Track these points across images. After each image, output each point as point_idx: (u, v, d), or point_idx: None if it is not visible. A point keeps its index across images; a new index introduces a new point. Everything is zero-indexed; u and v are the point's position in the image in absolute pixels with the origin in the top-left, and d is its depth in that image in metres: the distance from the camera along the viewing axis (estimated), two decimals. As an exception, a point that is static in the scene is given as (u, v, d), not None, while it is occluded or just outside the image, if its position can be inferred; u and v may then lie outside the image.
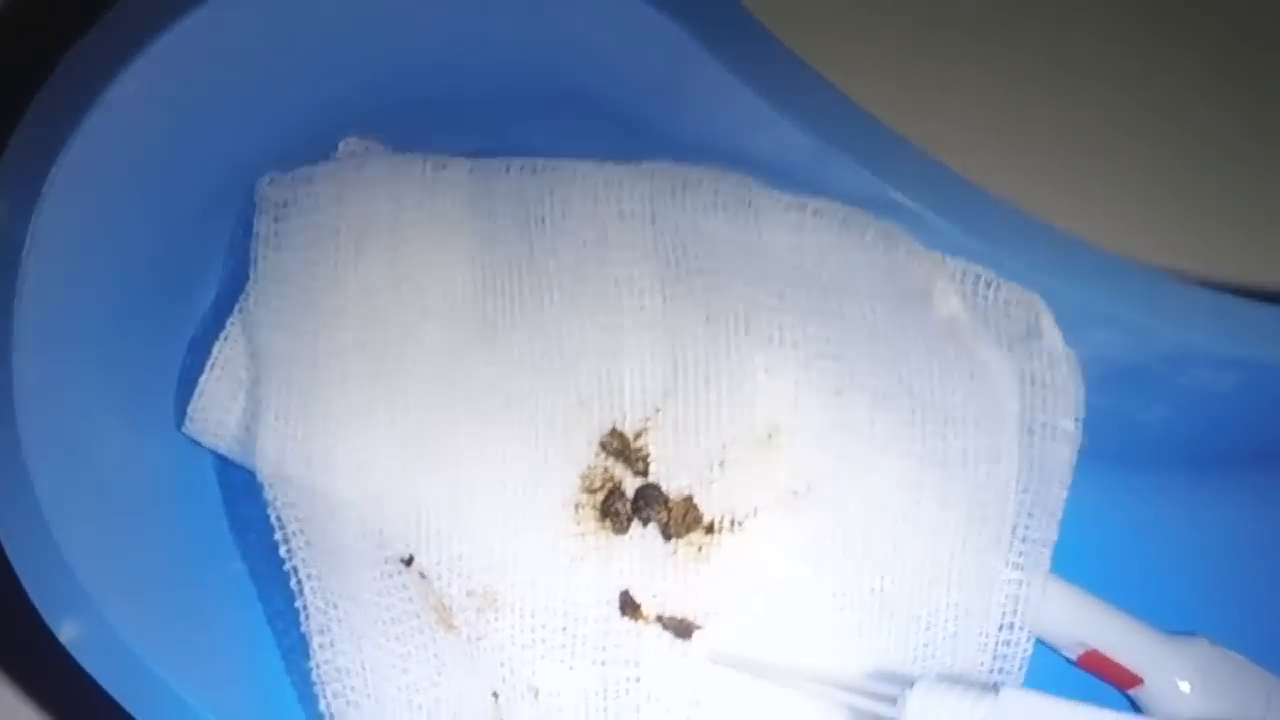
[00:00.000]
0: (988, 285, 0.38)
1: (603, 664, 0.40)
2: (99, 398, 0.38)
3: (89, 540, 0.36)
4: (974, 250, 0.38)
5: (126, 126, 0.35)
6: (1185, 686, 0.41)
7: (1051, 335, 0.38)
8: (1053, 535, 0.40)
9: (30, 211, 0.34)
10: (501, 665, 0.39)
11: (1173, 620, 0.42)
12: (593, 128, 0.39)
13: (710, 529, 0.40)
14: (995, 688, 0.35)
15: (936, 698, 0.35)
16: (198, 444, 0.41)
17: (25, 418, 0.35)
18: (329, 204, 0.40)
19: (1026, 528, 0.40)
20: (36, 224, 0.34)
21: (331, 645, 0.37)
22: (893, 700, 0.36)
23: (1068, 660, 0.42)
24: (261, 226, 0.39)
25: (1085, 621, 0.42)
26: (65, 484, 0.36)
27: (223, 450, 0.40)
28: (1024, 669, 0.40)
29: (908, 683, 0.36)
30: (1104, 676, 0.42)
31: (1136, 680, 0.41)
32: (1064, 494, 0.40)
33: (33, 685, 0.46)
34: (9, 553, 0.34)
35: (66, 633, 0.34)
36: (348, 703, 0.37)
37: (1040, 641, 0.42)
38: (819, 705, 0.40)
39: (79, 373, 0.37)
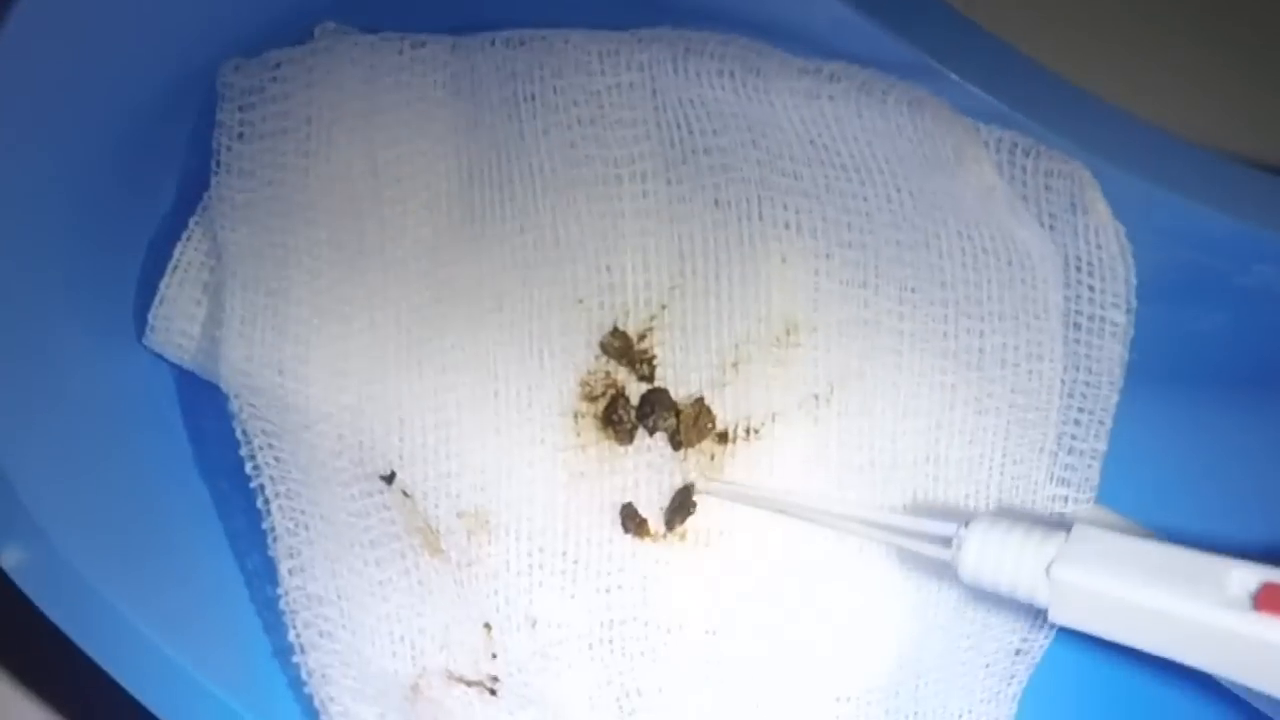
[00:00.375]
0: (1026, 153, 0.34)
1: (607, 590, 0.36)
2: (53, 303, 0.35)
3: (35, 457, 0.33)
4: (1009, 119, 0.34)
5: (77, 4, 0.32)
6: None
7: (1099, 210, 0.34)
8: (1102, 446, 0.36)
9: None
10: (495, 594, 0.36)
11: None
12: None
13: (724, 437, 0.36)
14: (1066, 524, 0.31)
15: (999, 535, 0.31)
16: (159, 358, 0.37)
17: None
18: (298, 90, 0.36)
19: (1073, 437, 0.36)
20: None
21: (302, 570, 0.34)
22: (946, 541, 0.32)
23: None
24: (225, 115, 0.36)
25: None
26: (11, 393, 0.33)
27: (187, 363, 0.37)
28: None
29: (963, 521, 0.32)
30: None
31: None
32: (1115, 397, 0.35)
33: None
34: None
35: (8, 558, 0.31)
36: (320, 633, 0.33)
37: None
38: (848, 598, 0.36)
39: (31, 275, 0.34)
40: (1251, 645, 0.27)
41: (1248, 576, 0.28)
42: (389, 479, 0.35)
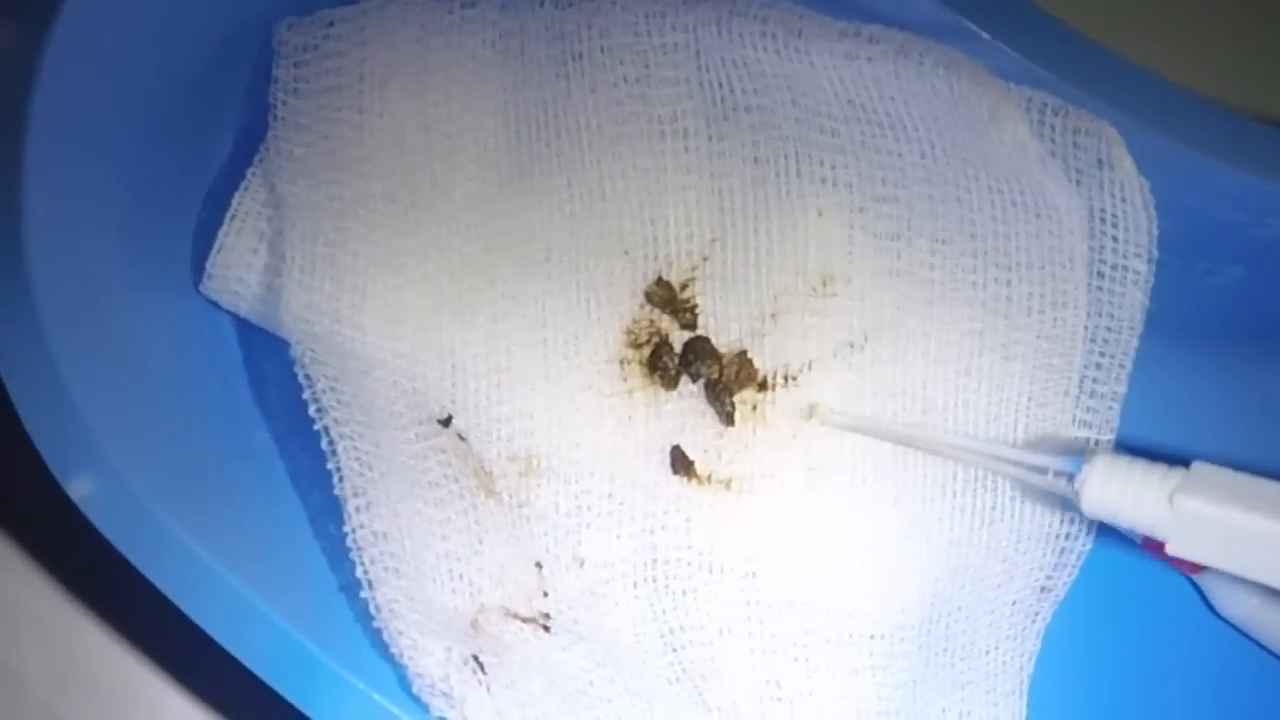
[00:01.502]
0: (1055, 113, 0.35)
1: (652, 531, 0.38)
2: (116, 248, 0.36)
3: (102, 395, 0.33)
4: (1039, 79, 0.35)
5: None
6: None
7: (1124, 166, 0.35)
8: (1122, 388, 0.37)
9: (43, 33, 0.31)
10: (545, 534, 0.37)
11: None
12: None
13: (764, 385, 0.38)
14: (1186, 463, 0.32)
15: (1122, 469, 0.33)
16: (217, 305, 0.38)
17: (35, 259, 0.32)
18: (351, 48, 0.37)
19: (1095, 380, 0.37)
20: (49, 48, 0.32)
21: (368, 508, 0.35)
22: (1067, 475, 0.34)
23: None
24: (281, 72, 0.37)
25: None
26: (77, 335, 0.33)
27: (243, 311, 0.38)
28: (1092, 533, 0.38)
29: (1068, 453, 0.34)
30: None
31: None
32: (1135, 342, 0.37)
33: (43, 550, 0.44)
34: (18, 405, 0.32)
35: (77, 489, 0.32)
36: (386, 568, 0.35)
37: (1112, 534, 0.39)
38: (883, 542, 0.38)
39: (93, 220, 0.35)
40: None
41: None
42: (445, 423, 0.36)
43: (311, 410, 0.35)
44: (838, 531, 0.38)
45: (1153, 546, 0.38)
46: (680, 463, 0.37)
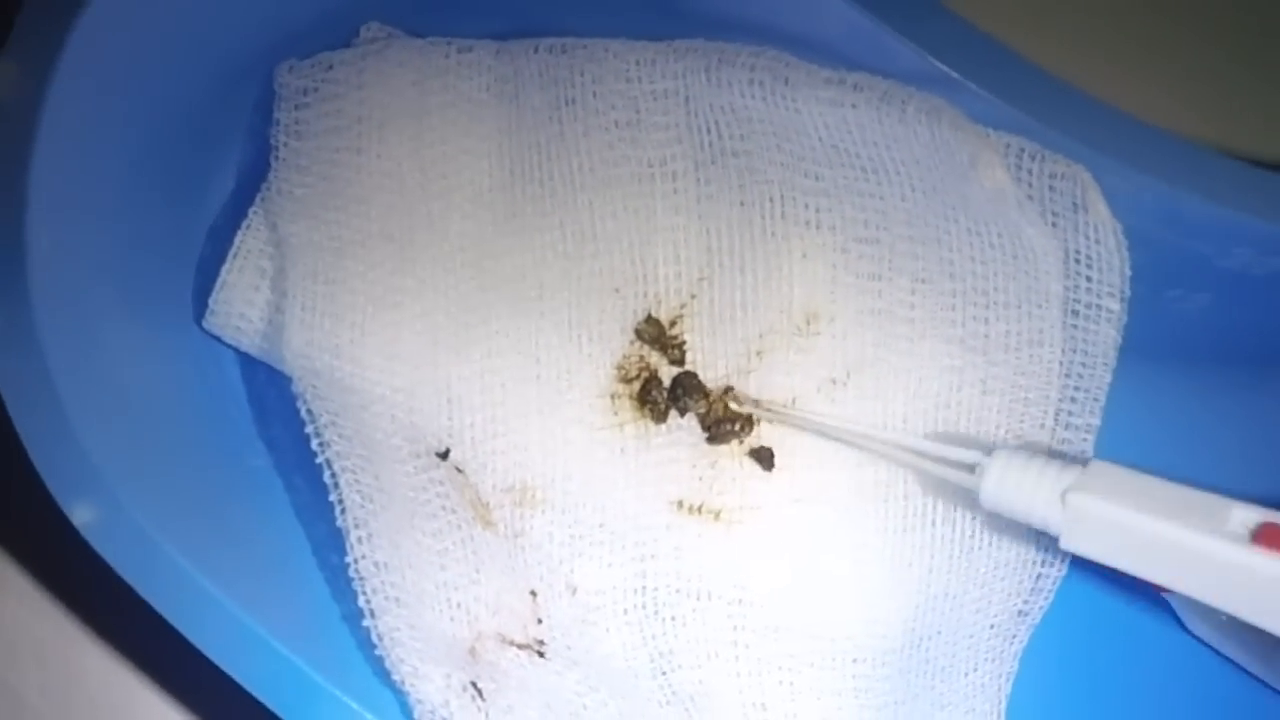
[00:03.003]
0: (1032, 158, 0.37)
1: (642, 559, 0.39)
2: (121, 280, 0.36)
3: (104, 424, 0.34)
4: (1016, 122, 0.37)
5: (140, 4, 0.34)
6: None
7: (1098, 209, 0.37)
8: (1096, 420, 0.39)
9: (46, 75, 0.33)
10: (539, 563, 0.38)
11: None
12: (623, 5, 0.38)
13: (750, 421, 0.39)
14: (1084, 460, 0.34)
15: (1019, 464, 0.34)
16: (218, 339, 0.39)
17: (39, 292, 0.33)
18: (350, 90, 0.38)
19: (1070, 413, 0.39)
20: (52, 89, 0.33)
21: (370, 540, 0.36)
22: (969, 468, 0.35)
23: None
24: (282, 114, 0.38)
25: None
26: (79, 363, 0.34)
27: (244, 346, 0.39)
28: (1066, 560, 0.40)
29: (986, 450, 0.35)
30: None
31: None
32: (1108, 377, 0.39)
33: (43, 571, 0.45)
34: (21, 432, 0.33)
35: (80, 515, 0.33)
36: (386, 598, 0.36)
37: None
38: (865, 570, 0.39)
39: (96, 252, 0.36)
40: (1248, 578, 0.30)
41: (1248, 515, 0.31)
42: (444, 455, 0.38)
43: (314, 444, 0.36)
44: (822, 560, 0.39)
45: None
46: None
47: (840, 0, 0.36)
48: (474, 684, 0.36)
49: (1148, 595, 0.43)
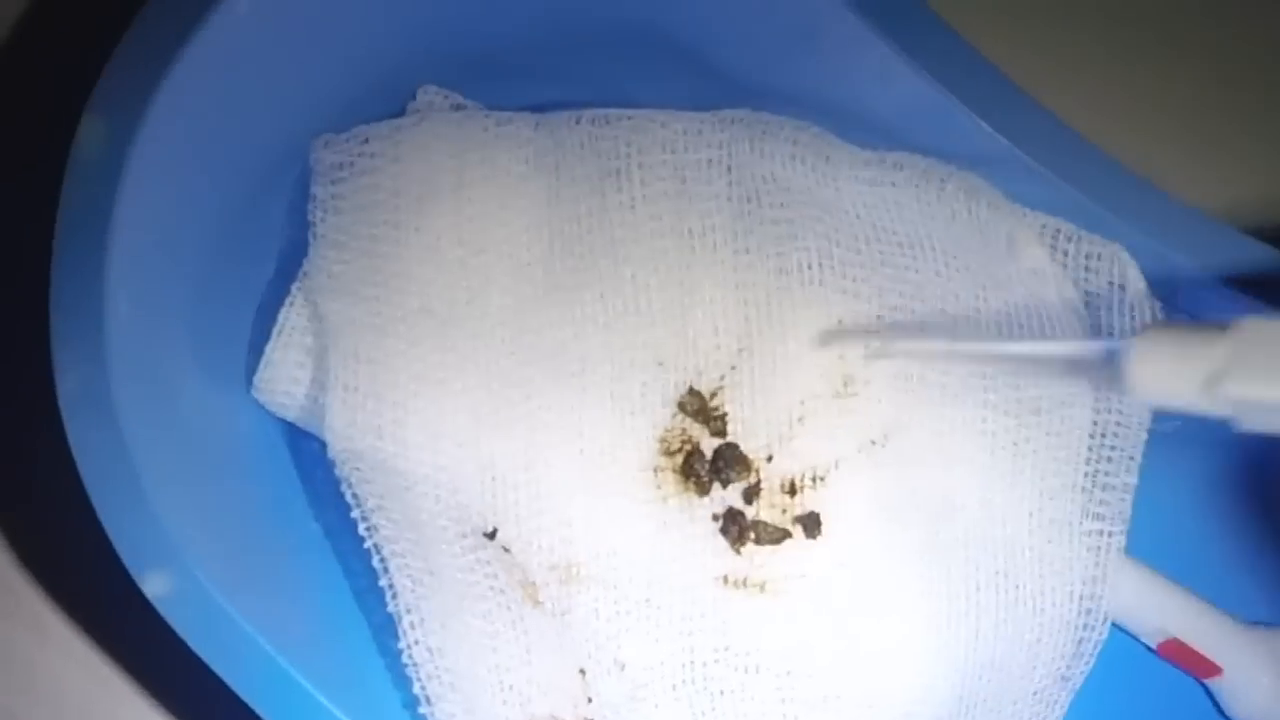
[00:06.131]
0: (1069, 239, 0.38)
1: (689, 634, 0.39)
2: (182, 356, 0.36)
3: (175, 493, 0.34)
4: (1059, 196, 0.37)
5: (229, 57, 0.34)
6: (1266, 679, 0.40)
7: (1136, 286, 0.38)
8: (1133, 479, 0.39)
9: (132, 133, 0.32)
10: (587, 640, 0.38)
11: (1254, 610, 0.42)
12: (670, 72, 0.38)
13: (793, 489, 0.39)
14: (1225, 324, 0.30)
15: (1170, 337, 0.30)
16: None
17: (116, 357, 0.33)
18: (386, 164, 0.38)
19: (1106, 474, 0.39)
20: (137, 147, 0.33)
21: (421, 624, 0.35)
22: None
23: (1147, 648, 0.42)
24: (318, 189, 0.37)
25: (1165, 608, 0.40)
26: (151, 431, 0.34)
27: (291, 418, 0.38)
28: (1106, 623, 0.40)
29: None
30: (1183, 666, 0.41)
31: (1215, 670, 0.41)
32: (1144, 435, 0.39)
33: (115, 645, 0.44)
34: (95, 499, 0.33)
35: (152, 586, 0.33)
36: (441, 684, 0.35)
37: (1119, 628, 0.41)
38: (914, 639, 0.39)
39: (171, 317, 0.35)
40: None
41: None
42: (491, 535, 0.37)
43: (361, 529, 0.36)
44: (868, 627, 0.39)
45: (1168, 652, 0.40)
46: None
47: (910, 72, 0.36)
48: (532, 766, 0.36)
49: (1185, 677, 0.42)
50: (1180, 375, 0.30)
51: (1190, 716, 0.42)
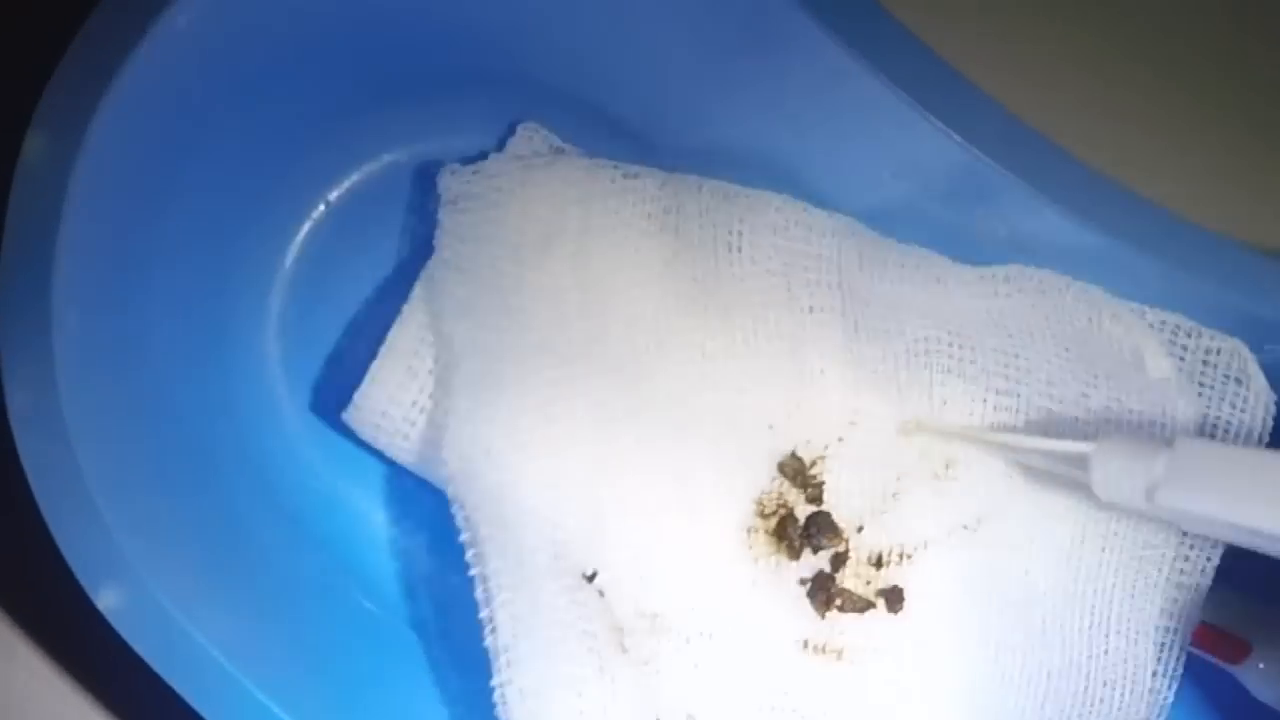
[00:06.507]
0: (1189, 335, 0.38)
1: (765, 694, 0.38)
2: (138, 361, 0.36)
3: (127, 506, 0.34)
4: (1177, 292, 0.38)
5: (171, 70, 0.34)
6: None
7: (1256, 381, 0.38)
8: (1207, 581, 0.39)
9: (76, 147, 0.33)
10: (663, 690, 0.38)
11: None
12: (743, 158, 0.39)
13: (879, 562, 0.39)
14: (1169, 441, 0.34)
15: (1124, 449, 0.34)
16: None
17: (64, 372, 0.33)
18: (513, 201, 0.38)
19: (1182, 572, 0.40)
20: (82, 160, 0.33)
21: (517, 664, 0.35)
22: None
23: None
24: (445, 216, 0.38)
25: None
26: (103, 445, 0.34)
27: (381, 445, 0.38)
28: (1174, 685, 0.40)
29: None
30: (1213, 652, 0.41)
31: (1245, 650, 0.40)
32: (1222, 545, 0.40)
33: (69, 658, 0.42)
34: (46, 512, 0.32)
35: (105, 600, 0.33)
36: None
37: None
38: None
39: (119, 331, 0.35)
40: None
41: None
42: (590, 578, 0.37)
43: (468, 554, 0.35)
44: (941, 707, 0.39)
45: (1198, 639, 0.40)
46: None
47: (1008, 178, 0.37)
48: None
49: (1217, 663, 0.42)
50: (1126, 485, 0.35)
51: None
